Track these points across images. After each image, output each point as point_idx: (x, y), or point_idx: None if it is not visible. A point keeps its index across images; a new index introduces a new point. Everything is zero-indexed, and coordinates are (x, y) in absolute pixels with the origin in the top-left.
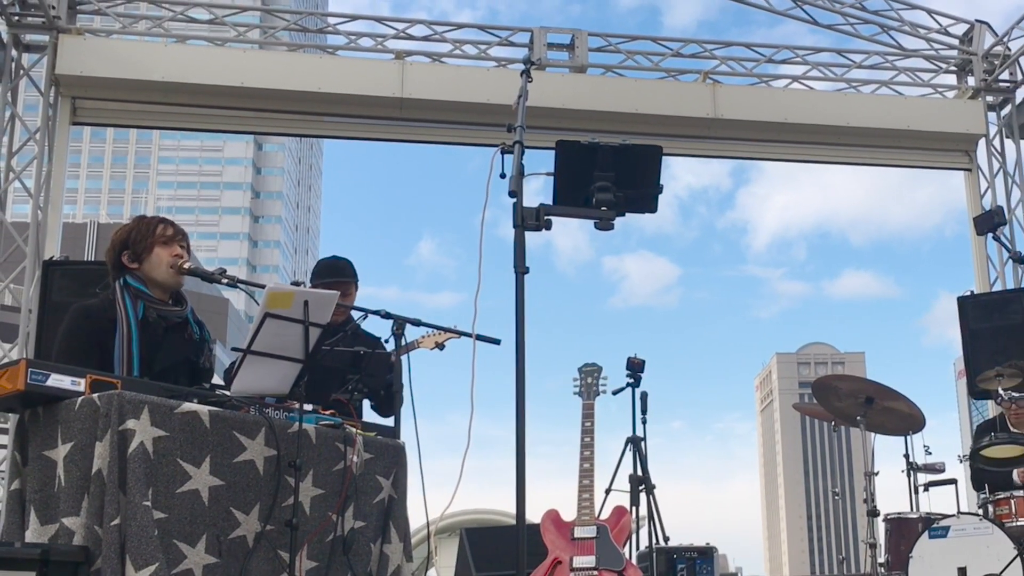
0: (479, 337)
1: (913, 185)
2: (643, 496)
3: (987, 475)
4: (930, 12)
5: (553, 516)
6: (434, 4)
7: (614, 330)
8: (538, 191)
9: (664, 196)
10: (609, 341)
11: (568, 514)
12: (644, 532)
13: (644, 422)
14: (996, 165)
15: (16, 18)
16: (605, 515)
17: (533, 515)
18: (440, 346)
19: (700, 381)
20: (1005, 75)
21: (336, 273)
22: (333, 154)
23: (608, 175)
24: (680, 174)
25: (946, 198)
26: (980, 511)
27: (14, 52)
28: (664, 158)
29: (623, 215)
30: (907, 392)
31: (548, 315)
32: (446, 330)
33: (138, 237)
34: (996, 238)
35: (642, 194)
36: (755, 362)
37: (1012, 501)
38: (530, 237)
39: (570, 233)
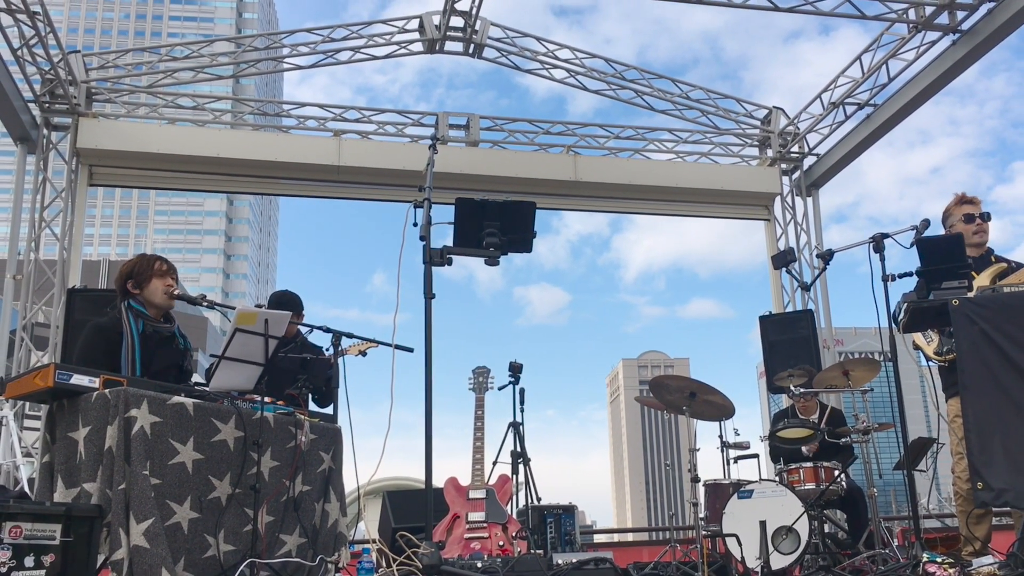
0: (397, 346)
1: (749, 231)
2: (521, 467)
3: (782, 451)
4: (739, 100)
5: (453, 482)
6: (399, 98)
7: (519, 343)
8: (444, 236)
9: (558, 240)
10: (514, 351)
11: (465, 480)
12: (522, 494)
13: (522, 411)
14: (788, 216)
15: (47, 105)
16: (493, 481)
17: (438, 481)
18: (363, 353)
19: (571, 380)
20: (795, 148)
21: (286, 305)
22: (287, 208)
23: (495, 224)
24: (571, 223)
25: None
26: (776, 478)
27: (45, 131)
28: (537, 211)
29: (506, 254)
30: (722, 388)
31: (468, 331)
32: (372, 341)
33: (140, 270)
34: (788, 272)
35: (520, 238)
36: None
37: (800, 471)
38: (453, 270)
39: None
